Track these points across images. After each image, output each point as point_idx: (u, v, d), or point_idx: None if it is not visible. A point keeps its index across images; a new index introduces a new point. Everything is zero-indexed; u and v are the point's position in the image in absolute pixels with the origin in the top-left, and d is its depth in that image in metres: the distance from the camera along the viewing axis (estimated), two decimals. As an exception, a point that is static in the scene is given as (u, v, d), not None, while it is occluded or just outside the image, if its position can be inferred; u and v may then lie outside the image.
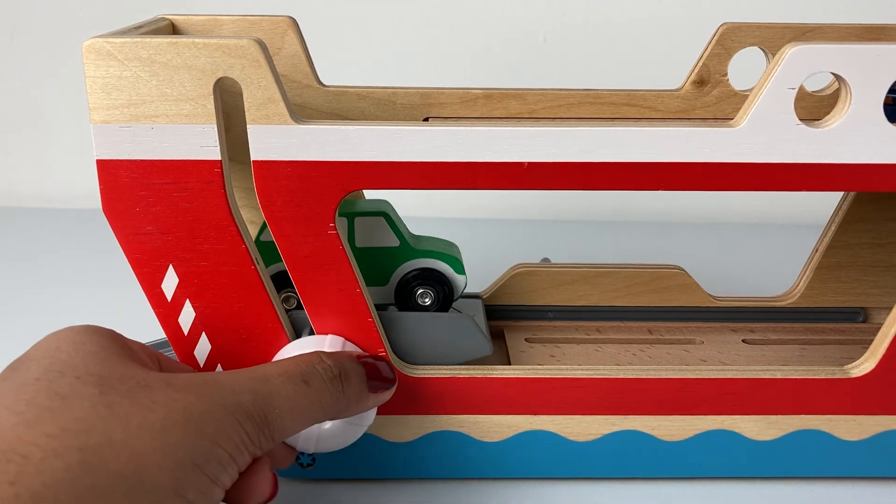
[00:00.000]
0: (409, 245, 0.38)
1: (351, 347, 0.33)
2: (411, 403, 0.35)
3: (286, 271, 0.33)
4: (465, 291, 0.40)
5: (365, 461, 0.36)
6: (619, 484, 0.37)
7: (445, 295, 0.38)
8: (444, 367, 0.35)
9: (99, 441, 0.23)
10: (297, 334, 0.34)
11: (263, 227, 0.37)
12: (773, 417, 0.36)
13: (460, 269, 0.38)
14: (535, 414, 0.36)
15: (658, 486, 0.37)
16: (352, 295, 0.33)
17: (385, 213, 0.38)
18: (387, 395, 0.33)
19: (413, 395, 0.35)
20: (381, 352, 0.34)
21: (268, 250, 0.34)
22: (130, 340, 0.28)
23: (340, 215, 0.36)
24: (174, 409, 0.25)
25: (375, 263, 0.38)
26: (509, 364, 0.41)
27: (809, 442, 0.36)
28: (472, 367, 0.36)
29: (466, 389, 0.35)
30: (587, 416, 0.36)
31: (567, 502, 0.36)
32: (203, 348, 0.34)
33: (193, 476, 0.24)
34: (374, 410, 0.33)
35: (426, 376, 0.35)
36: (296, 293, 0.34)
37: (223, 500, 0.26)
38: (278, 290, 0.35)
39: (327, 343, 0.33)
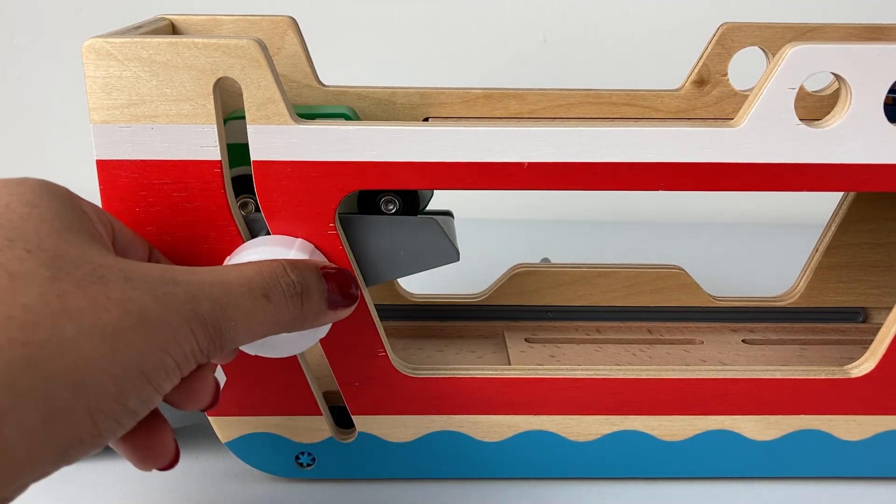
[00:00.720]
0: None
1: (319, 257, 0.32)
2: (411, 403, 0.35)
3: (249, 175, 0.31)
4: (437, 210, 0.38)
5: (365, 461, 0.36)
6: (619, 484, 0.37)
7: (410, 203, 0.36)
8: (445, 367, 0.35)
9: (46, 337, 0.21)
10: (255, 236, 0.33)
11: (226, 120, 0.35)
12: (773, 417, 0.36)
13: None
14: (535, 414, 0.36)
15: (658, 486, 0.37)
16: (352, 295, 0.33)
17: (346, 115, 0.36)
18: (346, 313, 0.31)
19: (413, 395, 0.35)
20: (381, 353, 0.34)
21: (232, 152, 0.32)
22: (85, 202, 0.27)
23: (299, 116, 0.35)
24: (129, 311, 0.23)
25: None
26: (509, 364, 0.41)
27: (809, 442, 0.36)
28: (472, 367, 0.36)
29: (466, 389, 0.35)
30: (587, 416, 0.36)
31: (567, 502, 0.36)
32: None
33: (138, 384, 0.23)
34: (329, 324, 0.32)
35: (426, 376, 0.35)
36: (253, 198, 0.32)
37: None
38: (236, 195, 0.33)
39: (296, 247, 0.31)
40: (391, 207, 0.36)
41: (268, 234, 0.32)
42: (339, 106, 0.36)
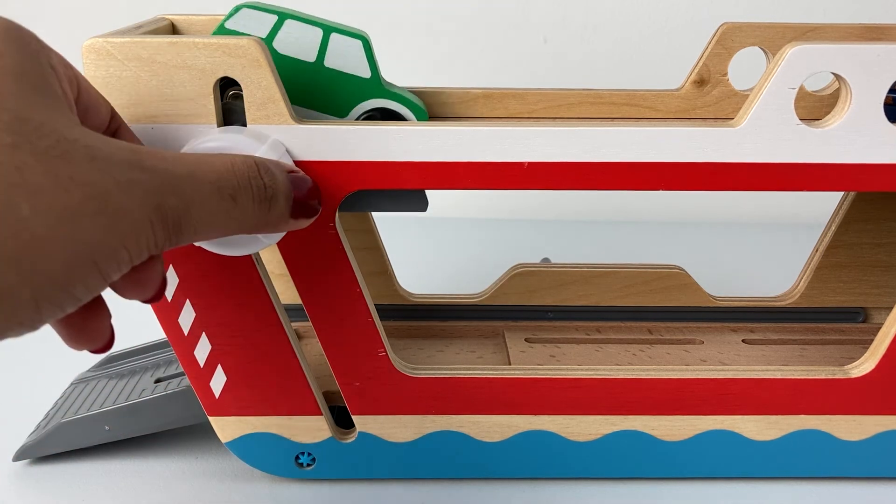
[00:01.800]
0: (380, 82, 0.35)
1: (288, 160, 0.30)
2: (412, 404, 0.35)
3: None
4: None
5: (365, 461, 0.36)
6: (619, 484, 0.37)
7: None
8: (445, 367, 0.35)
9: None
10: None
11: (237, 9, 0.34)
12: (773, 417, 0.36)
13: (423, 118, 0.35)
14: (535, 414, 0.36)
15: (658, 486, 0.37)
16: (352, 295, 0.33)
17: (364, 39, 0.35)
18: (306, 223, 0.30)
19: (413, 396, 0.35)
20: (382, 353, 0.34)
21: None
22: (54, 54, 0.24)
23: (315, 24, 0.34)
24: (90, 196, 0.21)
25: (338, 91, 0.34)
26: (509, 364, 0.41)
27: (809, 442, 0.36)
28: (472, 367, 0.36)
29: (467, 390, 0.35)
30: (587, 417, 0.36)
31: (567, 502, 0.36)
32: (203, 349, 0.34)
33: (88, 274, 0.21)
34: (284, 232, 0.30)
35: (426, 376, 0.35)
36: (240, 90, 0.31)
37: None
38: (225, 89, 0.32)
39: (268, 144, 0.29)
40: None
41: (243, 125, 0.31)
42: (356, 30, 0.35)
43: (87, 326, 0.25)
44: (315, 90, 0.31)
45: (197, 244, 0.29)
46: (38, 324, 0.21)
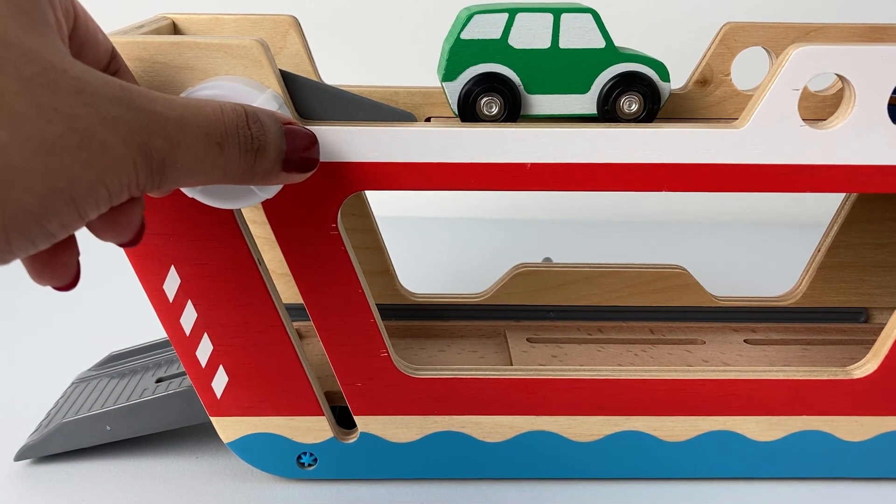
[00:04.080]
0: (615, 48, 0.34)
1: (286, 112, 0.29)
2: (413, 404, 0.35)
3: (492, 73, 0.32)
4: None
5: (367, 461, 0.36)
6: (621, 484, 0.37)
7: (652, 102, 0.34)
8: (447, 367, 0.35)
9: None
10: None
11: (465, 23, 0.34)
12: (775, 418, 0.36)
13: (666, 75, 0.35)
14: (537, 414, 0.36)
15: (660, 487, 0.37)
16: (354, 295, 0.33)
17: (594, 11, 0.34)
18: (301, 177, 0.29)
19: (415, 396, 0.35)
20: (383, 353, 0.34)
21: (469, 48, 0.33)
22: None
23: (543, 10, 0.34)
24: (73, 129, 0.20)
25: (576, 67, 0.34)
26: (511, 364, 0.41)
27: (811, 443, 0.36)
28: (474, 367, 0.36)
29: (468, 390, 0.35)
30: (589, 417, 0.36)
31: (569, 503, 0.36)
32: (205, 349, 0.34)
33: (64, 209, 0.21)
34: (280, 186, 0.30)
35: (428, 377, 0.35)
36: (498, 98, 0.33)
37: None
38: (481, 94, 0.33)
39: (266, 94, 0.29)
40: (633, 107, 0.34)
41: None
42: (580, 5, 0.35)
43: (55, 262, 0.24)
44: (553, 73, 0.32)
45: (190, 194, 0.29)
46: (8, 256, 0.21)
